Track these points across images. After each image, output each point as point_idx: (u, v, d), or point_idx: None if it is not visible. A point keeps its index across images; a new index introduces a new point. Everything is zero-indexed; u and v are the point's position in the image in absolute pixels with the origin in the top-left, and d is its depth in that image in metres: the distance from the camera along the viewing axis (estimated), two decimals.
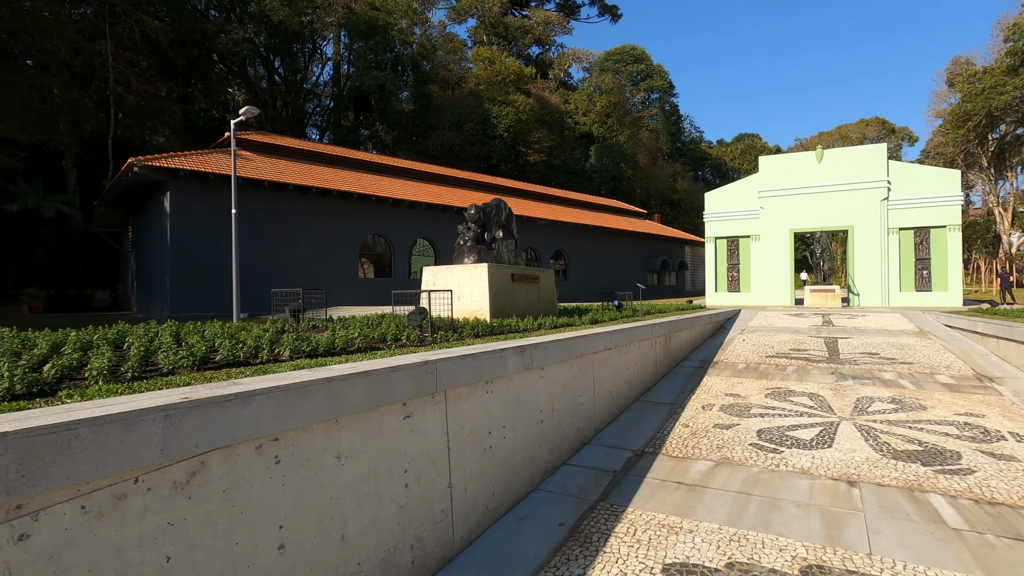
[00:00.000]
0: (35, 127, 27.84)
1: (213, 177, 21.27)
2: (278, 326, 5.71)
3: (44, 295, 27.98)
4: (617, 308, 11.39)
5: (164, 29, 32.44)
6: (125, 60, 32.00)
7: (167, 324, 5.31)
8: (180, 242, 20.61)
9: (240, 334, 4.60)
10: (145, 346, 3.62)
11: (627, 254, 39.94)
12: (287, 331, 5.40)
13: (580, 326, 7.92)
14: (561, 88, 63.44)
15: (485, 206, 8.91)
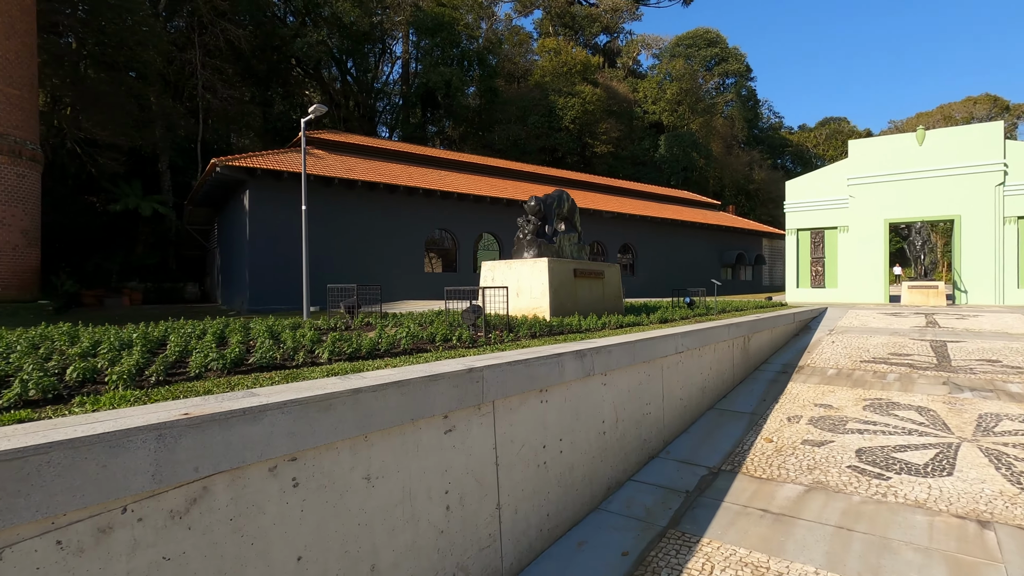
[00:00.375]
0: (134, 133, 30.19)
1: (287, 175, 22.05)
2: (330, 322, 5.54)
3: (143, 288, 30.27)
4: (689, 306, 10.60)
5: (246, 36, 34.16)
6: (212, 67, 34.00)
7: (217, 320, 5.26)
8: (258, 238, 21.54)
9: (284, 333, 4.42)
10: (182, 346, 3.48)
11: (699, 248, 38.12)
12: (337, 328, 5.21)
13: (648, 326, 7.31)
14: (629, 77, 61.53)
15: (546, 197, 8.45)
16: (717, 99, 62.53)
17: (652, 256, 34.96)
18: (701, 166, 55.92)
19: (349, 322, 5.72)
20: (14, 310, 20.97)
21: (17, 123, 22.07)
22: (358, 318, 6.28)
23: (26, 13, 22.62)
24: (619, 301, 9.23)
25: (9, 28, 21.74)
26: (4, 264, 21.69)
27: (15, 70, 22.02)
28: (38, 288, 23.46)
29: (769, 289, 44.95)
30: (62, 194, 29.75)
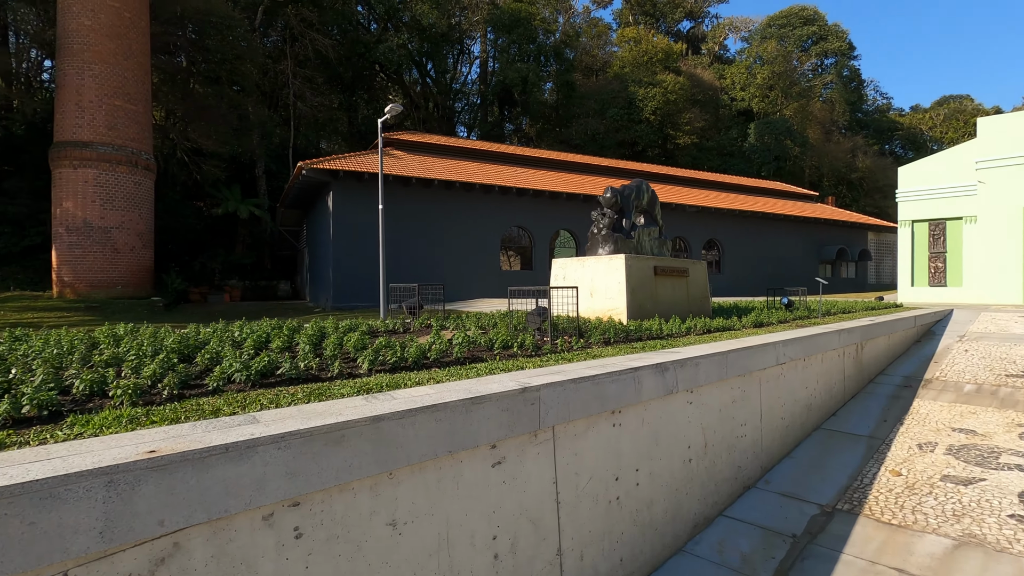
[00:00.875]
0: (234, 141, 32.40)
1: (367, 176, 22.57)
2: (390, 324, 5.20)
3: (241, 286, 32.39)
4: (787, 307, 9.42)
5: (332, 45, 35.64)
6: (302, 77, 35.79)
7: (265, 323, 5.06)
8: (341, 237, 22.23)
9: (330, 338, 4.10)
10: (214, 354, 3.22)
11: (793, 243, 35.21)
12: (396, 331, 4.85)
13: (741, 331, 6.41)
14: (715, 63, 58.21)
15: (623, 188, 7.73)
16: (814, 82, 57.66)
17: (740, 252, 32.70)
18: (796, 155, 51.80)
19: (409, 324, 5.37)
20: (130, 306, 23.02)
21: (134, 136, 24.17)
22: (419, 319, 5.93)
23: (142, 35, 24.73)
24: (706, 302, 8.31)
25: (127, 50, 23.83)
26: (123, 264, 23.85)
27: (132, 88, 24.13)
28: (152, 286, 25.66)
29: (876, 287, 40.74)
30: (173, 200, 32.46)
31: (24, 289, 24.23)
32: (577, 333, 5.10)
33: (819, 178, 57.60)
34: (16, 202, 26.31)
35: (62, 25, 22.99)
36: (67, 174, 22.77)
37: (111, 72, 23.25)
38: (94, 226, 22.99)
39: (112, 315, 21.37)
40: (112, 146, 23.20)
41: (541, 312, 4.84)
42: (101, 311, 21.59)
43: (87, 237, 22.87)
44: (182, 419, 2.05)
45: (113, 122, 23.30)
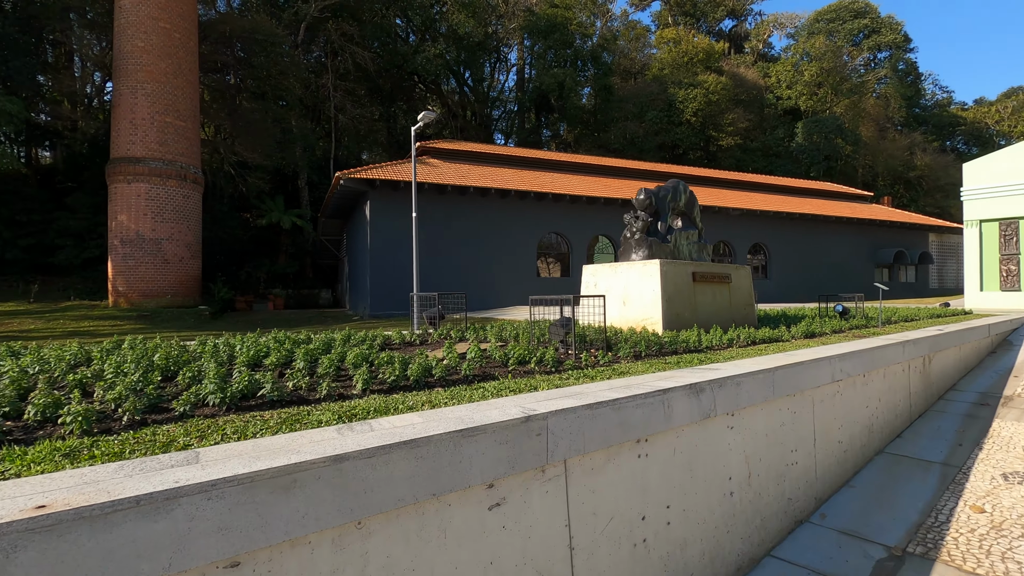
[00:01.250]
0: (277, 154, 33.33)
1: (403, 184, 22.66)
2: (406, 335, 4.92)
3: (285, 294, 33.17)
4: (841, 316, 8.67)
5: (372, 58, 36.28)
6: (343, 90, 36.57)
7: (269, 336, 4.85)
8: (378, 246, 22.37)
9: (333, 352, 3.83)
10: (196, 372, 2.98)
11: (846, 246, 33.41)
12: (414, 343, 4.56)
13: (790, 343, 5.82)
14: (760, 61, 56.34)
15: (658, 189, 7.25)
16: (867, 77, 54.96)
17: (788, 257, 31.24)
18: (847, 154, 49.41)
19: (426, 335, 5.08)
20: (178, 314, 23.81)
21: (183, 151, 25.10)
22: (439, 329, 5.63)
23: (191, 55, 25.73)
24: (750, 310, 7.69)
25: (177, 68, 24.81)
26: (172, 274, 24.72)
27: (182, 105, 25.10)
28: (199, 295, 26.51)
29: (938, 292, 38.20)
30: (221, 211, 33.60)
31: (83, 299, 25.43)
32: (605, 346, 4.67)
33: (873, 178, 54.76)
34: (77, 216, 27.74)
35: (118, 47, 24.15)
36: (122, 188, 23.81)
37: (162, 90, 24.24)
38: (146, 238, 23.93)
39: (161, 324, 22.16)
40: (163, 161, 24.15)
41: (565, 323, 4.46)
42: (151, 320, 22.42)
43: (139, 248, 23.82)
44: (126, 454, 1.79)
45: (164, 138, 24.26)
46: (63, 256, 27.21)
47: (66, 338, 18.72)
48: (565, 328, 4.45)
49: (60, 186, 30.85)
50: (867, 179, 54.55)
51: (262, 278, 33.63)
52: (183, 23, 25.11)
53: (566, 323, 4.45)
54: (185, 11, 25.27)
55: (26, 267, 27.21)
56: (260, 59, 32.24)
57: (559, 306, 5.75)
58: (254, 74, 33.78)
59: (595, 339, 4.95)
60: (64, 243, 27.41)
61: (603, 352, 4.42)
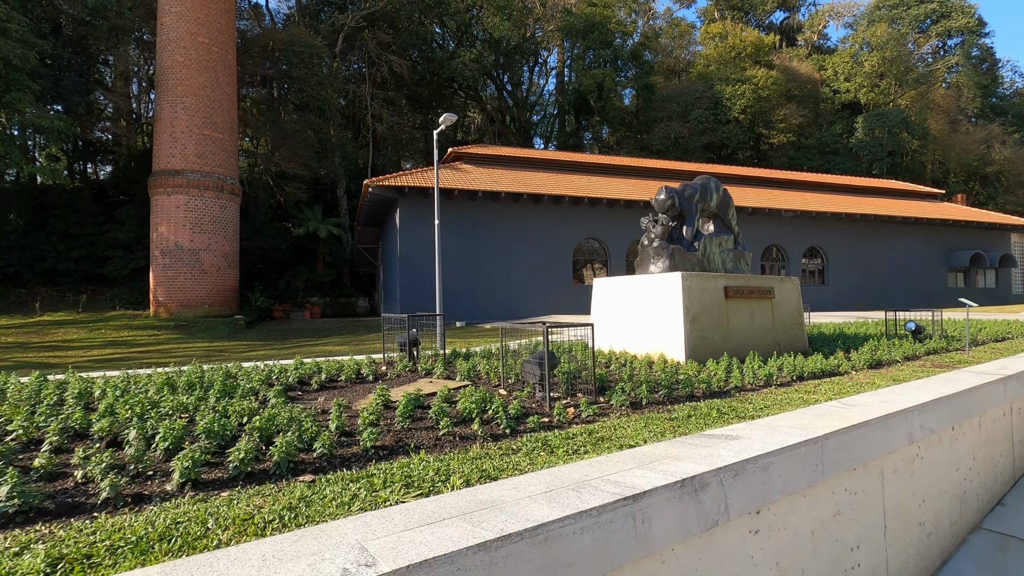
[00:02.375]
0: (314, 164, 33.59)
1: (432, 191, 22.08)
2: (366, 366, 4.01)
3: (322, 303, 33.31)
4: (914, 335, 7.22)
5: (408, 65, 36.17)
6: (381, 99, 36.61)
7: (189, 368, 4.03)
8: (407, 253, 21.88)
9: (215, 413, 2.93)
10: None
11: (913, 248, 30.59)
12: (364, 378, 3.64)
13: (848, 378, 4.58)
14: (814, 54, 53.18)
15: (683, 188, 6.12)
16: (936, 66, 50.90)
17: (848, 261, 28.82)
18: (914, 149, 45.74)
19: (409, 366, 4.17)
20: (214, 324, 24.02)
21: (220, 162, 25.43)
22: (408, 362, 4.71)
23: (228, 68, 26.11)
24: (799, 330, 6.42)
25: (215, 81, 25.19)
26: (209, 284, 25.01)
27: (219, 117, 25.47)
28: (236, 304, 26.77)
29: (1023, 299, 34.52)
30: (262, 221, 34.14)
31: (128, 309, 26.13)
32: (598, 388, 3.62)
33: (944, 175, 50.58)
34: (125, 228, 28.64)
35: (159, 63, 24.74)
36: (162, 200, 24.30)
37: (200, 104, 24.64)
38: (184, 248, 24.31)
39: (197, 333, 22.36)
40: (200, 173, 24.51)
41: (540, 359, 3.46)
42: (188, 329, 22.66)
43: (178, 259, 24.21)
44: None
45: (201, 150, 24.65)
46: (111, 267, 28.11)
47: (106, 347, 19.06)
48: (542, 367, 3.45)
49: (112, 200, 32.09)
50: (937, 176, 50.42)
51: (300, 287, 33.90)
52: (221, 37, 25.51)
53: (542, 362, 3.45)
54: (223, 26, 25.68)
55: (78, 278, 28.27)
56: (299, 71, 32.63)
57: (564, 326, 4.73)
58: (294, 85, 34.25)
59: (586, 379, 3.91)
60: (113, 254, 28.33)
61: (588, 404, 3.36)
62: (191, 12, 24.48)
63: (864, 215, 28.10)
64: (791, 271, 27.57)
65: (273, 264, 34.29)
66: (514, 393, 3.49)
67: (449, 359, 5.09)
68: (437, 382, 3.56)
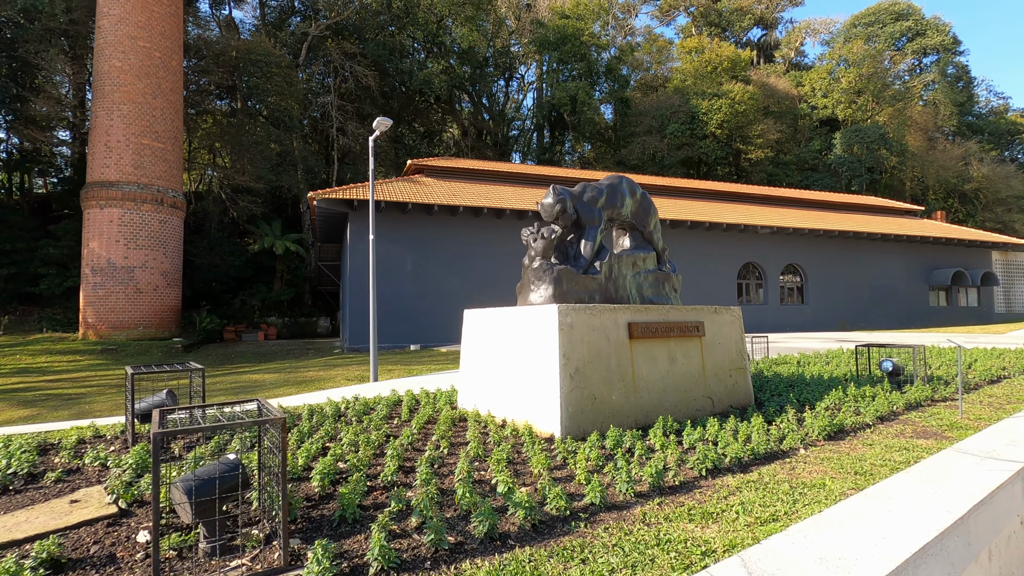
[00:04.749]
0: (272, 177, 31.92)
1: (384, 205, 20.62)
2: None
3: (280, 323, 31.42)
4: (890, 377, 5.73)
5: (373, 76, 34.87)
6: (346, 110, 35.20)
7: None
8: (357, 272, 20.28)
9: None
10: None
11: (894, 265, 29.56)
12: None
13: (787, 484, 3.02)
14: (792, 70, 52.97)
15: (582, 189, 4.63)
16: (912, 83, 50.82)
17: (828, 279, 27.65)
18: (892, 165, 45.27)
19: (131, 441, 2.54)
20: (147, 347, 22.07)
21: (160, 174, 23.70)
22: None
23: (172, 74, 24.51)
24: (740, 377, 4.89)
25: (156, 88, 23.57)
26: (145, 304, 23.10)
27: (160, 126, 23.80)
28: (177, 325, 24.83)
29: (1007, 318, 33.60)
30: (218, 237, 32.30)
31: (58, 331, 24.09)
32: (283, 543, 1.99)
33: (923, 191, 50.19)
34: (60, 244, 26.69)
35: (96, 68, 23.11)
36: (94, 214, 22.52)
37: (139, 111, 23.01)
38: (117, 266, 22.48)
39: (125, 358, 20.41)
40: (137, 184, 22.79)
41: (198, 480, 1.87)
42: (115, 354, 20.71)
43: (110, 277, 22.37)
44: None
45: (139, 161, 22.95)
46: (44, 285, 26.09)
47: (13, 376, 17.08)
48: (191, 496, 1.84)
49: (55, 214, 30.13)
50: (916, 193, 50.02)
51: (257, 306, 32.02)
52: (165, 42, 23.98)
53: (198, 482, 1.87)
54: (167, 30, 24.17)
55: (7, 297, 26.19)
56: (256, 80, 31.19)
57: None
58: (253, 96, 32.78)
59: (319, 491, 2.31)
60: (47, 272, 26.32)
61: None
62: (131, 15, 22.97)
63: (843, 232, 27.02)
64: (769, 289, 26.34)
65: (227, 282, 32.39)
66: (171, 539, 1.93)
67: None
68: (74, 509, 2.03)
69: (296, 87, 33.33)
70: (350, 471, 2.94)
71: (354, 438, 3.55)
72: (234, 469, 2.03)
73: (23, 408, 11.75)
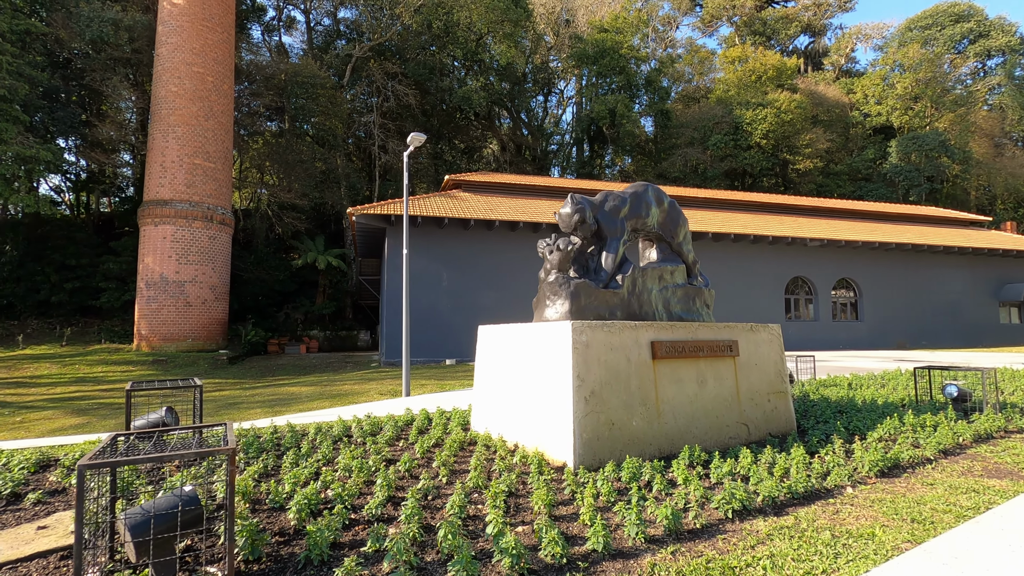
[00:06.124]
0: (315, 193, 32.88)
1: (421, 220, 20.84)
2: None
3: (322, 336, 32.10)
4: (954, 403, 5.15)
5: (414, 94, 35.61)
6: (388, 128, 36.07)
7: None
8: (394, 286, 20.51)
9: None
10: None
11: (959, 280, 27.64)
12: None
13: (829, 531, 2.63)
14: (842, 77, 51.00)
15: (604, 198, 4.35)
16: (976, 87, 48.01)
17: (885, 294, 26.09)
18: (955, 174, 42.68)
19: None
20: (194, 359, 22.85)
21: (211, 192, 24.72)
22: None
23: (224, 97, 25.66)
24: (780, 402, 4.44)
25: (208, 111, 24.71)
26: (194, 317, 23.99)
27: (212, 147, 24.89)
28: (224, 338, 25.66)
29: None
30: (265, 253, 33.44)
31: (115, 342, 25.29)
32: None
33: (990, 201, 47.12)
34: (120, 260, 28.13)
35: (155, 93, 24.42)
36: (149, 231, 23.63)
37: (192, 133, 24.12)
38: (169, 280, 23.45)
39: (172, 369, 21.21)
40: (189, 203, 23.81)
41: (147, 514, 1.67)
42: (165, 365, 21.54)
43: (162, 291, 23.34)
44: None
45: (191, 180, 24.00)
46: (105, 299, 27.49)
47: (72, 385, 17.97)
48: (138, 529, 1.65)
49: (117, 232, 31.89)
50: (982, 203, 46.99)
51: (300, 320, 32.83)
52: (217, 67, 25.15)
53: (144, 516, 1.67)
54: (220, 55, 25.36)
55: (71, 310, 27.73)
56: (302, 101, 32.35)
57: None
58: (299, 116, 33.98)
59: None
60: (107, 286, 27.76)
61: None
62: (187, 42, 24.22)
63: (901, 244, 25.49)
64: (819, 305, 25.06)
65: (273, 296, 33.40)
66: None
67: None
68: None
69: (340, 107, 34.37)
70: (335, 501, 2.75)
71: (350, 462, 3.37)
72: (190, 503, 1.86)
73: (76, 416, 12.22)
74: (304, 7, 38.70)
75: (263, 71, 32.86)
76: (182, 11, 24.25)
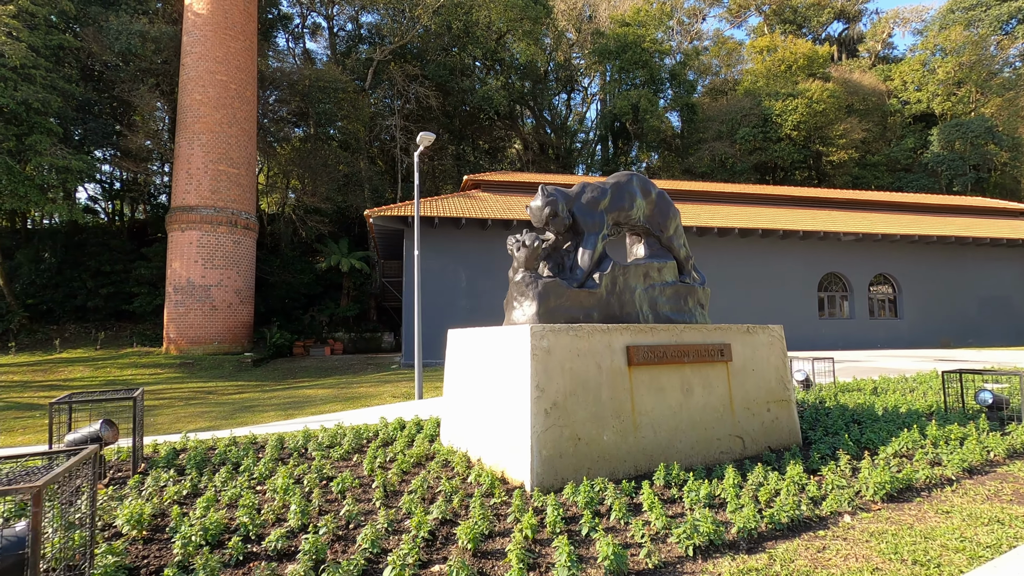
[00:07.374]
0: (338, 197, 33.21)
1: (438, 221, 20.76)
2: None
3: (346, 338, 32.39)
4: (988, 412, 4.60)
5: (435, 96, 35.63)
6: (410, 131, 36.23)
7: None
8: (413, 287, 20.45)
9: None
10: None
11: (1010, 274, 26.02)
12: None
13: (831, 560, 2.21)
14: (878, 64, 48.87)
15: (580, 189, 3.98)
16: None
17: (926, 289, 24.74)
18: (1003, 162, 40.34)
19: None
20: (220, 361, 23.24)
21: (235, 197, 25.14)
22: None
23: (247, 104, 26.08)
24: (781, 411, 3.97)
25: (231, 117, 25.14)
26: (220, 320, 24.41)
27: (235, 153, 25.31)
28: (250, 341, 26.07)
29: None
30: (290, 256, 33.94)
31: (146, 345, 25.97)
32: None
33: None
34: (151, 265, 28.90)
35: (180, 102, 24.99)
36: (177, 237, 24.16)
37: (216, 140, 24.57)
38: (196, 284, 23.92)
39: (198, 372, 21.61)
40: (214, 208, 24.25)
41: None
42: (192, 368, 21.97)
43: (189, 295, 23.82)
44: None
45: (216, 186, 24.44)
46: (137, 304, 28.29)
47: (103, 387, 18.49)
48: None
49: (151, 238, 32.87)
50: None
51: (325, 322, 33.17)
52: (240, 75, 25.57)
53: None
54: (243, 63, 25.77)
55: (106, 315, 28.62)
56: (324, 106, 32.71)
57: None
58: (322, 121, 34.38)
59: None
60: (139, 291, 28.57)
61: None
62: (210, 51, 24.69)
63: (943, 237, 24.12)
64: (855, 302, 23.92)
65: (298, 299, 33.85)
66: None
67: None
68: None
69: (363, 111, 34.63)
70: (240, 530, 2.49)
71: (285, 481, 3.10)
72: (12, 548, 1.59)
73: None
74: (327, 13, 39.17)
75: (288, 77, 33.35)
76: (205, 21, 24.71)
